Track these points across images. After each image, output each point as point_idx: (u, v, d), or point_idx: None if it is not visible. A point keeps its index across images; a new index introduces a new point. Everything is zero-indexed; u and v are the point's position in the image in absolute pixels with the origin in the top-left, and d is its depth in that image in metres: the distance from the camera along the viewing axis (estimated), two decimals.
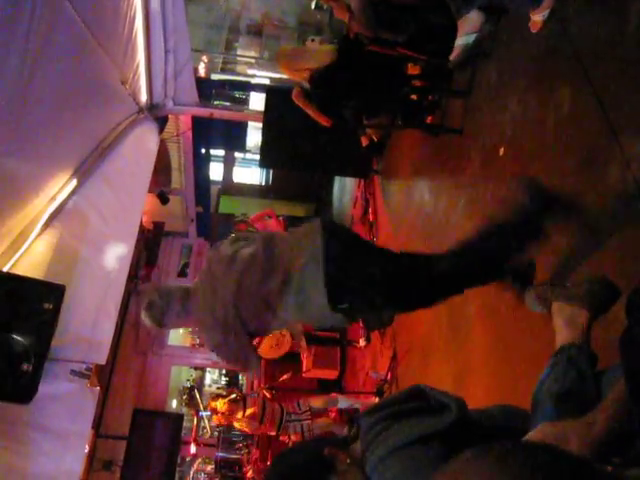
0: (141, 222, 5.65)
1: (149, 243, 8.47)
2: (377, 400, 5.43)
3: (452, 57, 3.89)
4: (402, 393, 0.93)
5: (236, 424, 5.67)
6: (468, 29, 3.81)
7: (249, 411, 5.47)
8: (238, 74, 11.46)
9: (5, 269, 3.29)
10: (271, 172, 11.00)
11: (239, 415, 5.48)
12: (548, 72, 3.00)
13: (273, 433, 5.57)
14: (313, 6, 10.28)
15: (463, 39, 3.83)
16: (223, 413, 5.51)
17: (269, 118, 6.08)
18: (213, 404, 5.65)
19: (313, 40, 4.37)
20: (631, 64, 2.33)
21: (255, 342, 6.52)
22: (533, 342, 2.59)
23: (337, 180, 9.41)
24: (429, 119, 4.46)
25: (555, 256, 2.56)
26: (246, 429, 5.72)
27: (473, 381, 3.46)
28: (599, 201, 2.38)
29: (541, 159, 2.90)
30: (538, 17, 3.03)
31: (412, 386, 0.91)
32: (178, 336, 12.98)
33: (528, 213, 2.43)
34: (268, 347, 6.68)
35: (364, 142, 5.32)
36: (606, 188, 2.34)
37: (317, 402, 5.85)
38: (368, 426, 0.93)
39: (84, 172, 4.19)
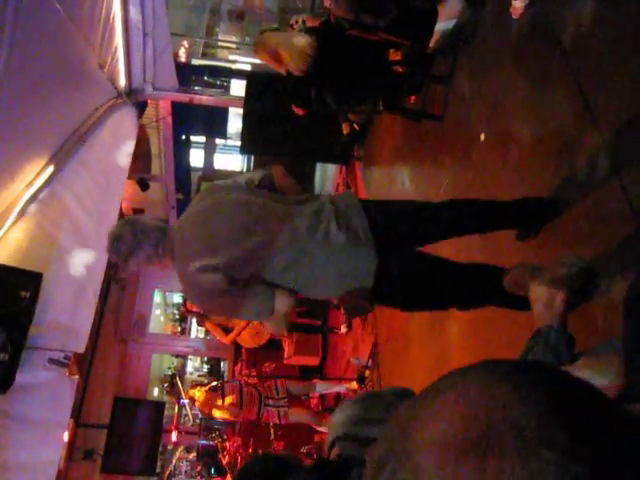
0: (120, 209, 5.57)
1: None
2: (357, 386, 5.46)
3: (432, 43, 3.88)
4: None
5: (216, 413, 5.62)
6: (448, 15, 3.80)
7: (228, 400, 5.44)
8: (219, 59, 11.32)
9: None
10: (252, 158, 10.90)
11: (219, 403, 5.45)
12: (529, 58, 3.00)
13: (254, 417, 5.56)
14: None
15: (443, 25, 3.82)
16: (203, 402, 5.48)
17: (250, 104, 6.03)
18: (191, 392, 5.61)
19: (297, 21, 4.37)
20: (613, 49, 2.34)
21: (236, 331, 6.49)
22: (512, 324, 2.62)
23: (319, 166, 9.38)
24: (412, 99, 4.44)
25: (531, 239, 2.58)
26: (227, 417, 5.69)
27: (454, 364, 3.49)
28: (576, 186, 2.40)
29: (521, 146, 2.91)
30: (519, 2, 3.03)
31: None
32: (159, 323, 12.92)
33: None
34: (248, 336, 6.66)
35: (345, 130, 5.30)
36: (583, 173, 2.36)
37: (296, 386, 5.85)
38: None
39: (61, 158, 4.12)
